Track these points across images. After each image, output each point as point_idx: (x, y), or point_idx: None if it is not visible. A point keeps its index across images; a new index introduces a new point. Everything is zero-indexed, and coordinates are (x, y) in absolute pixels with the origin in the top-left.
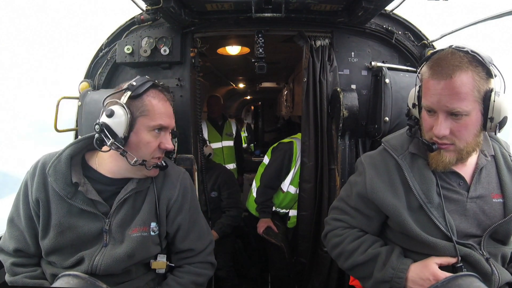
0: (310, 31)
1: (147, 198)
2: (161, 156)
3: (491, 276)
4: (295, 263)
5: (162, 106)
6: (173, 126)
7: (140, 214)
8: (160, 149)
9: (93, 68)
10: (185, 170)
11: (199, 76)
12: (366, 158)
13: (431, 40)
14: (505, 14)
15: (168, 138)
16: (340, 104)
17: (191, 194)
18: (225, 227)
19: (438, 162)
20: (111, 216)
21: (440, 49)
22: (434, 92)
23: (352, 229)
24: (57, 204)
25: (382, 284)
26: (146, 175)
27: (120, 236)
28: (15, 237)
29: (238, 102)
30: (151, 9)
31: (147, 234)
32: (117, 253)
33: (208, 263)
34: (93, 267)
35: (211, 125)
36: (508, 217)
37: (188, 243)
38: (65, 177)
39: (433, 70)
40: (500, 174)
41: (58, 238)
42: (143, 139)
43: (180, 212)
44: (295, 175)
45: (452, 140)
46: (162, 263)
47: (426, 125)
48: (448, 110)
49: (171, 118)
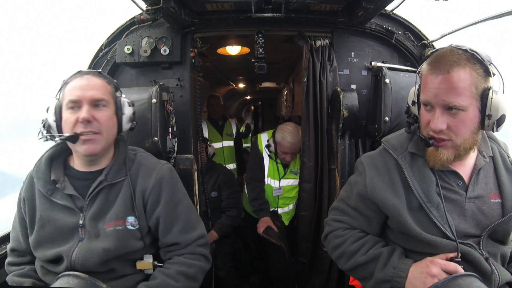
0: (310, 31)
1: (122, 192)
2: (85, 130)
3: (491, 275)
4: (295, 263)
5: (74, 83)
6: (89, 96)
7: (114, 208)
8: (81, 123)
9: (93, 68)
10: (169, 164)
11: (199, 76)
12: (366, 158)
13: (431, 40)
14: (505, 14)
15: (84, 110)
16: (340, 104)
17: (170, 185)
18: (225, 227)
19: (435, 159)
20: (85, 211)
21: (440, 48)
22: (431, 86)
23: (353, 230)
24: (40, 201)
25: (383, 283)
26: (79, 151)
27: (94, 230)
28: (13, 237)
29: (238, 102)
30: (151, 9)
31: (122, 228)
32: (92, 247)
33: (199, 255)
34: (72, 262)
35: (211, 125)
36: (506, 216)
37: (172, 237)
38: (45, 176)
39: (431, 66)
40: (498, 174)
41: (39, 231)
42: (64, 118)
43: (157, 204)
44: (269, 167)
45: (449, 136)
46: (147, 263)
47: (423, 120)
48: (444, 104)
49: (84, 90)
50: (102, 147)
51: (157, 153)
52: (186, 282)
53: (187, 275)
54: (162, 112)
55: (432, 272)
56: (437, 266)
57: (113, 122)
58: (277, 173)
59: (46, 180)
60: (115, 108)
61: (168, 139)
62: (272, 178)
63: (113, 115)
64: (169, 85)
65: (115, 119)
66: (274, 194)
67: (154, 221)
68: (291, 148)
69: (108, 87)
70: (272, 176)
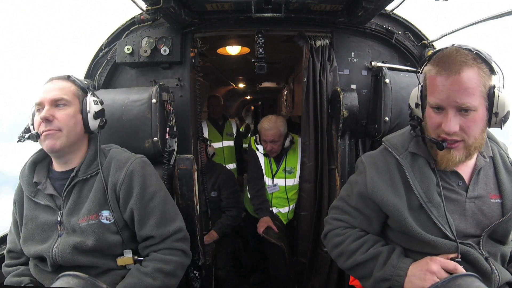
0: (310, 31)
1: (94, 186)
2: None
3: (491, 274)
4: (295, 263)
5: (42, 88)
6: (50, 97)
7: (87, 203)
8: (44, 122)
9: (93, 68)
10: (143, 158)
11: (199, 76)
12: (366, 158)
13: (431, 40)
14: (505, 14)
15: (45, 109)
16: (340, 104)
17: (142, 178)
18: (225, 227)
19: (448, 161)
20: (62, 208)
21: (443, 48)
22: (442, 88)
23: (353, 229)
24: (26, 202)
25: (382, 282)
26: (44, 149)
27: (71, 226)
28: (10, 240)
29: (238, 102)
30: (151, 9)
31: (95, 222)
32: (69, 241)
33: (177, 250)
34: (53, 257)
35: (211, 125)
36: (506, 216)
37: (147, 230)
38: (28, 179)
39: (439, 67)
40: (498, 175)
41: (24, 229)
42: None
43: (130, 197)
44: (264, 164)
45: (462, 136)
46: (127, 258)
47: (433, 123)
48: (457, 106)
49: (47, 92)
50: (62, 143)
51: (157, 153)
52: (164, 280)
53: (165, 272)
54: (162, 112)
55: (431, 268)
56: (436, 263)
57: (76, 120)
58: (269, 170)
59: (29, 183)
60: (80, 107)
61: (168, 139)
62: (267, 176)
63: (77, 113)
64: (169, 85)
65: (80, 117)
66: (269, 191)
67: (129, 214)
68: (267, 135)
69: (72, 88)
70: (267, 173)
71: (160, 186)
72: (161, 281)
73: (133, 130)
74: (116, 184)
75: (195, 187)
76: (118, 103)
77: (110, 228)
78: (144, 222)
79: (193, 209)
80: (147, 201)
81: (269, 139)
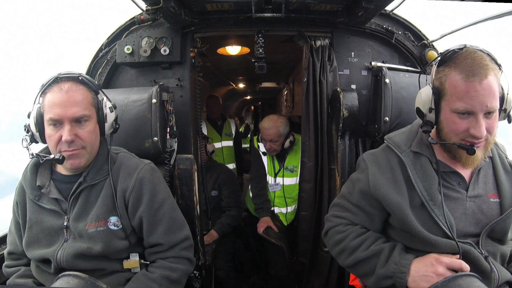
0: (310, 31)
1: (103, 192)
2: (68, 149)
3: (490, 273)
4: (295, 263)
5: (54, 97)
6: (70, 115)
7: (95, 209)
8: (65, 142)
9: (93, 68)
10: (151, 164)
11: (199, 76)
12: (368, 156)
13: (431, 40)
14: (505, 14)
15: (67, 129)
16: (340, 104)
17: (151, 186)
18: (225, 227)
19: (473, 161)
20: (68, 212)
21: (454, 50)
22: (474, 93)
23: (354, 226)
24: (29, 205)
25: (385, 280)
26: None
27: (78, 231)
28: (9, 241)
29: (238, 102)
30: (151, 9)
31: (103, 229)
32: (76, 247)
33: (183, 258)
34: (58, 261)
35: (210, 125)
36: (504, 214)
37: (156, 237)
38: (31, 182)
39: (467, 72)
40: (497, 175)
41: (28, 232)
42: (47, 133)
43: (139, 204)
44: (267, 163)
45: (486, 137)
46: (134, 262)
47: (458, 128)
48: (487, 110)
49: (65, 107)
50: (86, 160)
51: (157, 153)
52: (170, 287)
53: (171, 280)
54: (162, 112)
55: (438, 271)
56: (443, 265)
57: (96, 133)
58: (272, 168)
59: (32, 187)
60: (97, 117)
61: (168, 139)
62: (269, 174)
63: (96, 125)
64: (169, 85)
65: (98, 128)
66: (271, 189)
67: (137, 221)
68: (266, 134)
69: (89, 97)
70: (270, 172)
71: (168, 193)
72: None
73: (133, 130)
74: (126, 191)
75: (195, 187)
76: (118, 103)
77: (118, 234)
78: (153, 229)
79: (193, 209)
80: (157, 208)
81: (268, 138)
